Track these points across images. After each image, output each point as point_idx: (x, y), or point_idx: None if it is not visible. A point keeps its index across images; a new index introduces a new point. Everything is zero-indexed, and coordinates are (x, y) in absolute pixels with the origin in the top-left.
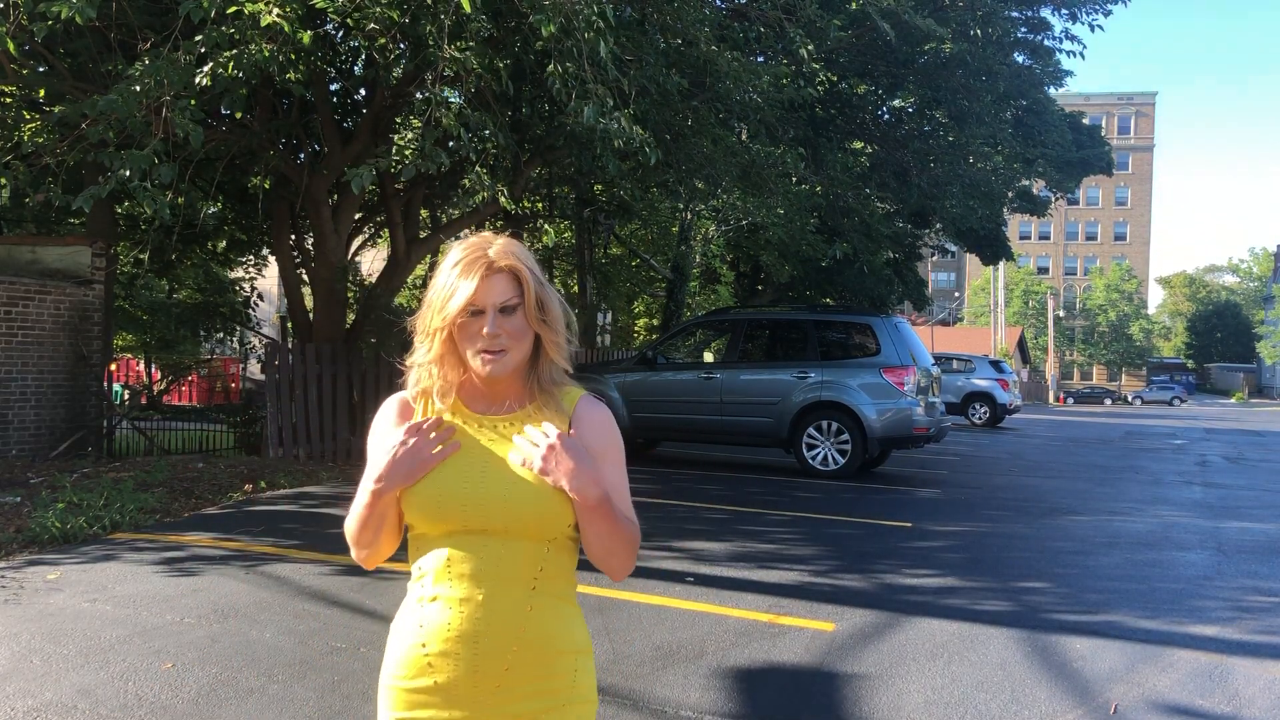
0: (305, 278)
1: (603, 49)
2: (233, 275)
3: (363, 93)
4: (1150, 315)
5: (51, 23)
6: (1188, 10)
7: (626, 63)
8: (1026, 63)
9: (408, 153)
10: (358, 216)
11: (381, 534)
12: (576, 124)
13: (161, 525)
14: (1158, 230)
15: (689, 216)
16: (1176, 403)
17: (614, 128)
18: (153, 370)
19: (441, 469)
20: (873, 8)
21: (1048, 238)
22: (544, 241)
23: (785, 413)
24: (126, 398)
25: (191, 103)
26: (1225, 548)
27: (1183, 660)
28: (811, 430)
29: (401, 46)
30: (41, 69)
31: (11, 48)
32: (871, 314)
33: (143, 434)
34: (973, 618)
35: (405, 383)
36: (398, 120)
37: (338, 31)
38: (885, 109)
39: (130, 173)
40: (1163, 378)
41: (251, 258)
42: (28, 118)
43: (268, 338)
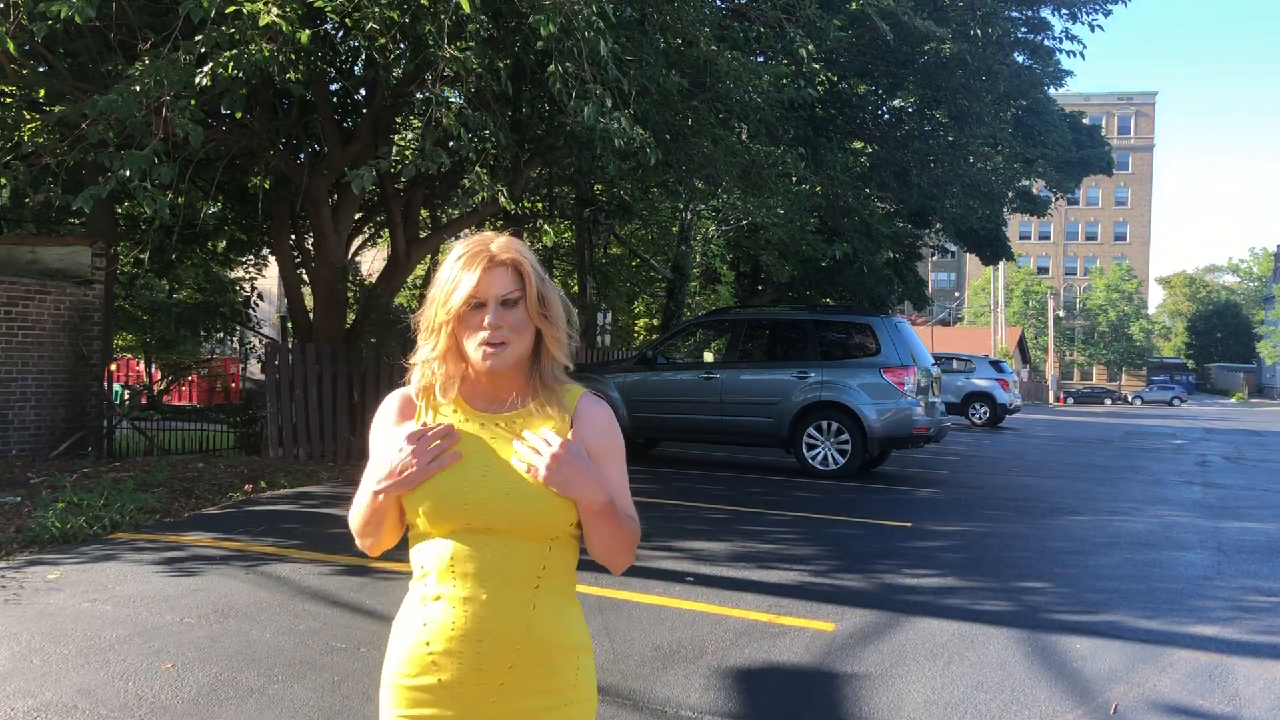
0: (305, 278)
1: (603, 49)
2: (233, 275)
3: (363, 93)
4: (1150, 315)
5: (51, 23)
6: (1188, 10)
7: (626, 63)
8: (1026, 63)
9: (408, 153)
10: (358, 216)
11: (384, 528)
12: (576, 124)
13: (161, 525)
14: (1158, 230)
15: (689, 216)
16: (1176, 403)
17: (614, 128)
18: (153, 370)
19: (444, 469)
20: (872, 8)
21: (1048, 238)
22: (544, 241)
23: (785, 413)
24: (126, 398)
25: (191, 103)
26: (1225, 548)
27: (1183, 660)
28: (811, 430)
29: (401, 46)
30: (41, 69)
31: (11, 48)
32: (871, 314)
33: (143, 434)
34: (973, 618)
35: (407, 382)
36: (398, 120)
37: (337, 31)
38: (885, 109)
39: (130, 173)
40: (1163, 378)
41: (251, 258)
42: (28, 118)
43: (268, 338)
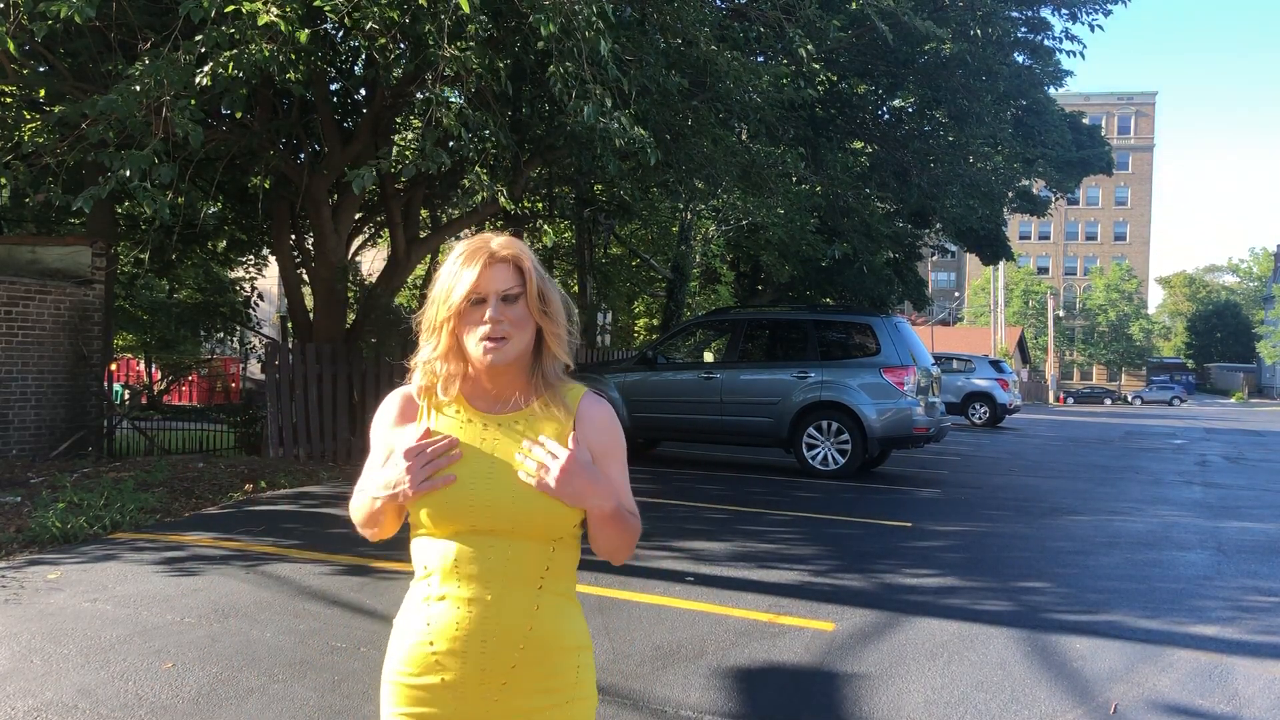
0: (305, 278)
1: (603, 49)
2: (233, 275)
3: (363, 93)
4: (1150, 315)
5: (51, 22)
6: (1188, 10)
7: (626, 63)
8: (1026, 63)
9: (408, 153)
10: (358, 216)
11: (384, 523)
12: (576, 124)
13: (162, 525)
14: (1158, 230)
15: (689, 216)
16: (1176, 403)
17: (614, 128)
18: (153, 370)
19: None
20: (872, 8)
21: (1048, 238)
22: (544, 241)
23: (785, 413)
24: (127, 398)
25: (191, 103)
26: (1225, 548)
27: (1183, 660)
28: (811, 430)
29: (401, 46)
30: (41, 69)
31: (11, 48)
32: (871, 314)
33: (143, 434)
34: (973, 617)
35: (408, 381)
36: (398, 120)
37: (337, 31)
38: (885, 109)
39: (130, 173)
40: (1163, 378)
41: (251, 258)
42: (28, 118)
43: (268, 338)
